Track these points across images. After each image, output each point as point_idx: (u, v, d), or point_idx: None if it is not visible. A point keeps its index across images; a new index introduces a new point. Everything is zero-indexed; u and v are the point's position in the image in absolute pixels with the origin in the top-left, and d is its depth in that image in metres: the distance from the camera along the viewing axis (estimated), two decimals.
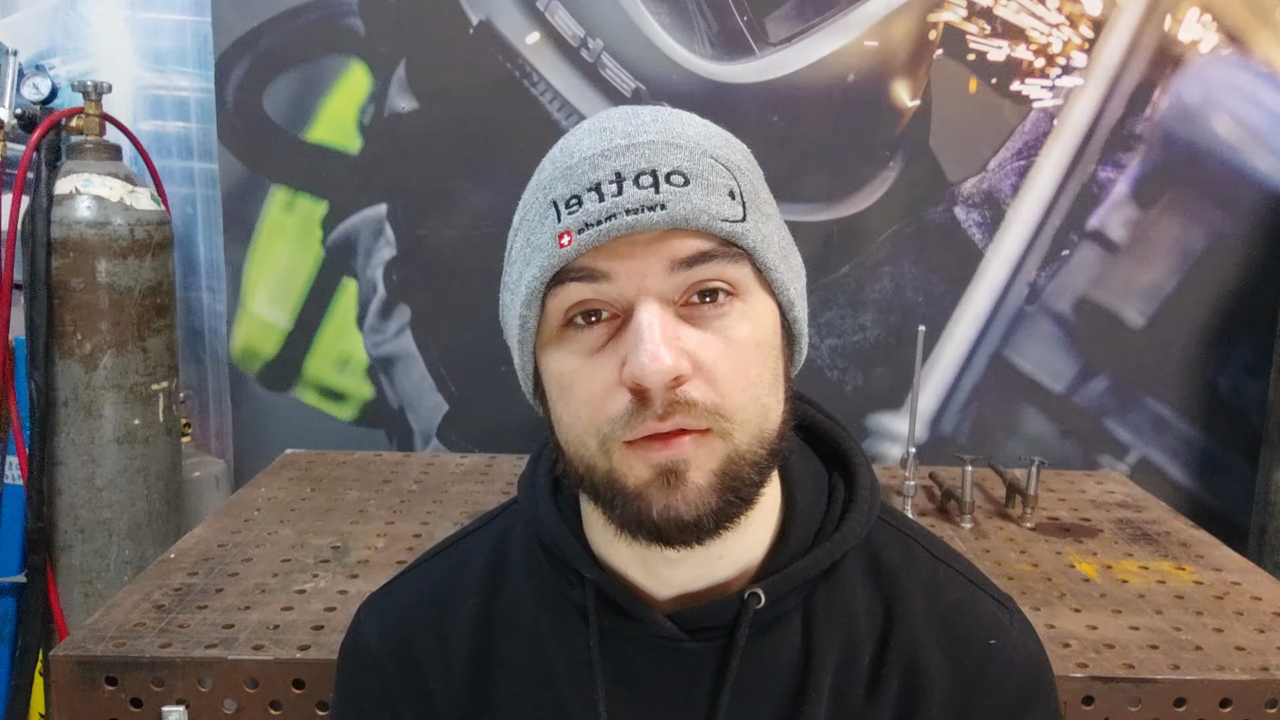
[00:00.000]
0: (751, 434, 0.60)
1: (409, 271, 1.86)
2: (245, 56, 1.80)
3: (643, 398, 0.57)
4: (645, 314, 0.57)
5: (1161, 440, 1.90)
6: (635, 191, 0.58)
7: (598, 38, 1.77)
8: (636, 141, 0.60)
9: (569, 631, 0.69)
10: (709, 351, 0.59)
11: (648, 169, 0.58)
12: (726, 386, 0.59)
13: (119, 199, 1.64)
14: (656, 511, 0.59)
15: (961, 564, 0.74)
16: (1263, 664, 1.09)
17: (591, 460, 0.61)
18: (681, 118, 0.63)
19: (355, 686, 0.75)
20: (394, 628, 0.74)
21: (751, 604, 0.65)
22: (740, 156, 0.64)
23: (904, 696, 0.68)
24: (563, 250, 0.58)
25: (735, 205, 0.60)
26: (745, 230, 0.60)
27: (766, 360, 0.61)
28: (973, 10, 1.78)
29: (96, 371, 1.64)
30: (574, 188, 0.59)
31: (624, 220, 0.57)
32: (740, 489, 0.60)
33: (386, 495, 1.59)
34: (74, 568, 1.68)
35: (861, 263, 1.85)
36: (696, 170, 0.59)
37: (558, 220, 0.59)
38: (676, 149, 0.60)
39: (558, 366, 0.62)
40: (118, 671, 1.06)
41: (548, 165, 0.63)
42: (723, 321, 0.60)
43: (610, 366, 0.59)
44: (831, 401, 1.88)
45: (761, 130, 1.80)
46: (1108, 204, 1.83)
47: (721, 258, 0.59)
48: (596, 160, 0.59)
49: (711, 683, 0.66)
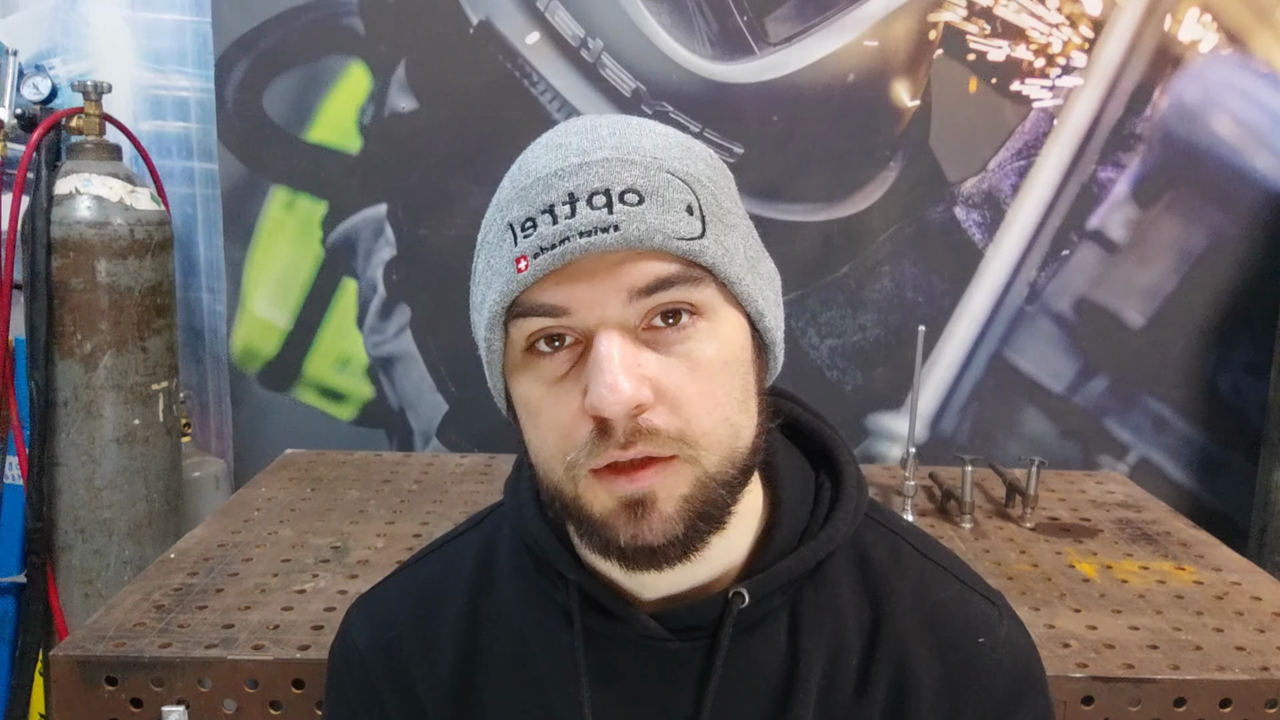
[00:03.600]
0: (722, 455, 0.60)
1: (409, 271, 1.86)
2: (245, 56, 1.80)
3: (604, 427, 0.57)
4: (604, 343, 0.57)
5: (1161, 440, 1.90)
6: (589, 213, 0.57)
7: (598, 38, 1.77)
8: (590, 160, 0.59)
9: (554, 633, 0.69)
10: (672, 377, 0.58)
11: (601, 188, 0.58)
12: (691, 411, 0.59)
13: (119, 199, 1.64)
14: (624, 540, 0.59)
15: (950, 561, 0.74)
16: (1263, 664, 1.09)
17: (559, 485, 0.61)
18: (641, 129, 0.62)
19: (344, 687, 0.76)
20: (382, 629, 0.75)
21: (735, 603, 0.65)
22: (702, 166, 0.62)
23: (893, 696, 0.67)
24: (520, 275, 0.58)
25: (693, 221, 0.59)
26: (704, 247, 0.59)
27: (734, 378, 0.61)
28: (973, 10, 1.78)
29: (96, 371, 1.64)
30: (528, 209, 0.59)
31: (577, 243, 0.57)
32: (710, 512, 0.60)
33: (386, 495, 1.59)
34: (74, 568, 1.69)
35: (861, 263, 1.85)
36: (651, 187, 0.58)
37: (514, 244, 0.59)
38: (631, 165, 0.59)
39: (524, 393, 0.62)
40: (118, 671, 1.06)
41: (506, 184, 0.63)
42: (686, 345, 0.59)
43: (574, 394, 0.59)
44: (831, 401, 1.91)
45: (761, 130, 1.80)
46: (1108, 204, 1.83)
47: (681, 282, 0.58)
48: (550, 180, 0.59)
49: (696, 683, 0.66)
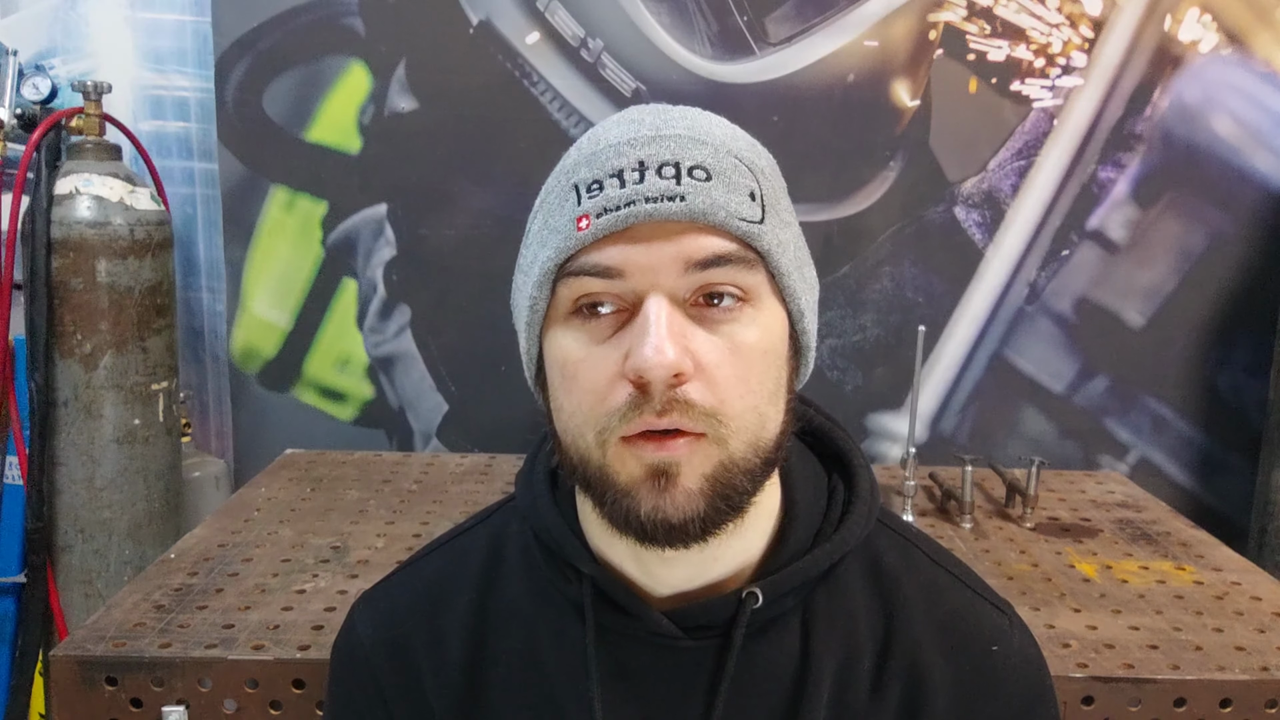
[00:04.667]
0: (747, 441, 0.60)
1: (409, 271, 1.86)
2: (245, 56, 1.79)
3: (643, 391, 0.58)
4: (654, 307, 0.58)
5: (1161, 440, 1.90)
6: (657, 181, 0.58)
7: (598, 38, 1.77)
8: (663, 134, 0.60)
9: (564, 628, 0.69)
10: (713, 354, 0.59)
11: (671, 160, 0.59)
12: (726, 391, 0.59)
13: (119, 199, 1.64)
14: (644, 512, 0.59)
15: (960, 569, 0.74)
16: (1263, 664, 1.09)
17: (587, 452, 0.61)
18: (710, 119, 0.64)
19: (349, 684, 0.75)
20: (388, 625, 0.74)
21: (749, 603, 0.65)
22: (765, 162, 0.65)
23: (907, 700, 0.68)
24: (580, 234, 0.59)
25: (755, 206, 0.60)
26: (762, 232, 0.60)
27: (769, 369, 0.61)
28: (973, 10, 1.78)
29: (96, 371, 1.64)
30: (596, 173, 0.60)
31: (643, 208, 0.58)
32: (731, 496, 0.60)
33: (386, 495, 1.59)
34: (74, 568, 1.68)
35: (861, 263, 1.85)
36: (720, 168, 0.60)
37: (577, 204, 0.60)
38: (702, 145, 0.60)
39: (562, 352, 0.62)
40: (118, 671, 1.06)
41: (574, 151, 0.64)
42: (730, 326, 0.60)
43: (614, 358, 0.59)
44: (831, 401, 1.90)
45: (761, 130, 1.76)
46: (1108, 204, 1.83)
47: (736, 262, 0.59)
48: (621, 148, 0.60)
49: (708, 683, 0.66)
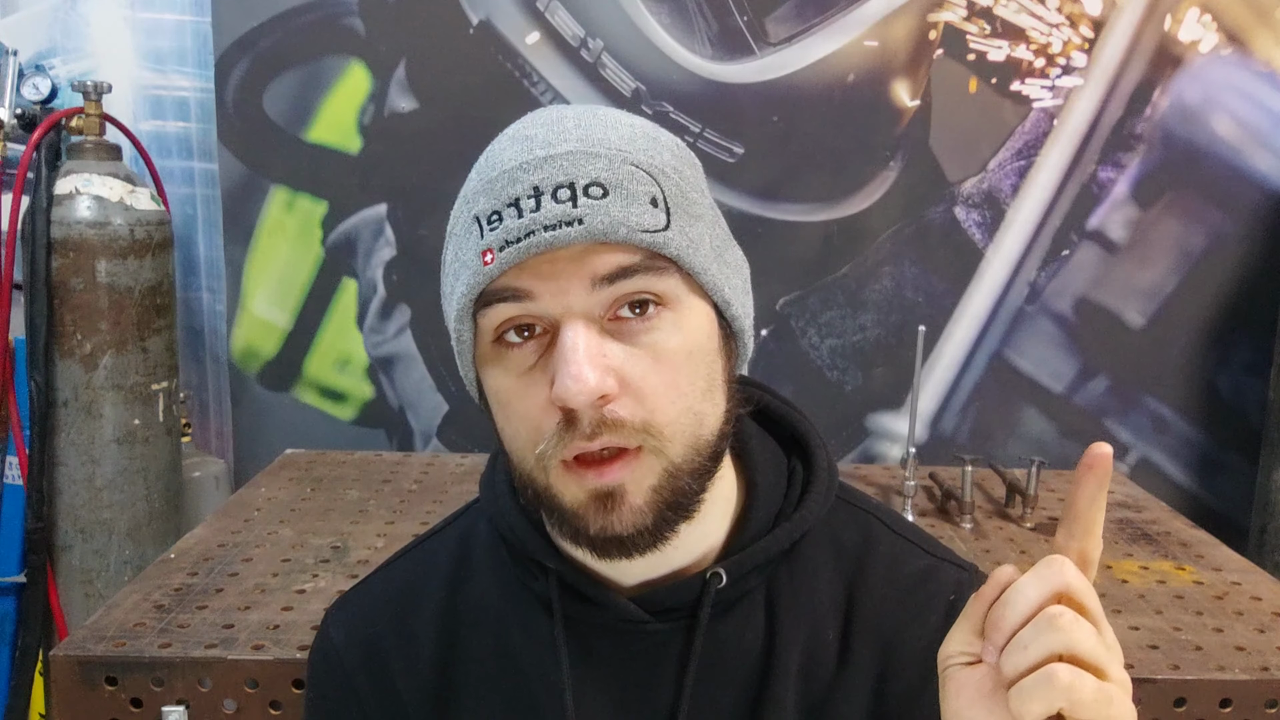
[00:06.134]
0: (686, 444, 0.61)
1: (409, 271, 1.86)
2: (245, 56, 1.80)
3: (570, 418, 0.58)
4: (569, 334, 0.58)
5: (1161, 440, 1.90)
6: (553, 206, 0.58)
7: (598, 38, 1.77)
8: (555, 153, 0.59)
9: (533, 622, 0.70)
10: (637, 367, 0.59)
11: (565, 182, 0.58)
12: (655, 401, 0.59)
13: (119, 199, 1.64)
14: (593, 531, 0.61)
15: (922, 538, 0.75)
16: (1263, 664, 1.09)
17: (531, 475, 0.62)
18: (606, 121, 0.62)
19: (324, 687, 0.76)
20: (360, 627, 0.75)
21: (713, 583, 0.66)
22: (668, 156, 0.63)
23: (877, 668, 0.69)
24: (486, 268, 0.59)
25: (657, 214, 0.60)
26: (668, 239, 0.60)
27: (699, 368, 0.62)
28: (973, 10, 1.78)
29: (96, 371, 1.64)
30: (494, 203, 0.60)
31: (542, 237, 0.57)
32: (679, 501, 0.61)
33: (386, 495, 1.59)
34: (74, 568, 1.68)
35: (861, 263, 1.85)
36: (616, 180, 0.59)
37: (480, 237, 0.60)
38: (595, 158, 0.59)
39: (494, 384, 0.63)
40: (118, 671, 1.06)
41: (474, 176, 0.64)
42: (651, 335, 0.60)
43: (542, 384, 0.59)
44: (831, 401, 1.91)
45: (761, 130, 1.80)
46: (1108, 204, 1.83)
47: (645, 271, 0.59)
48: (515, 174, 0.60)
49: (677, 664, 0.67)
